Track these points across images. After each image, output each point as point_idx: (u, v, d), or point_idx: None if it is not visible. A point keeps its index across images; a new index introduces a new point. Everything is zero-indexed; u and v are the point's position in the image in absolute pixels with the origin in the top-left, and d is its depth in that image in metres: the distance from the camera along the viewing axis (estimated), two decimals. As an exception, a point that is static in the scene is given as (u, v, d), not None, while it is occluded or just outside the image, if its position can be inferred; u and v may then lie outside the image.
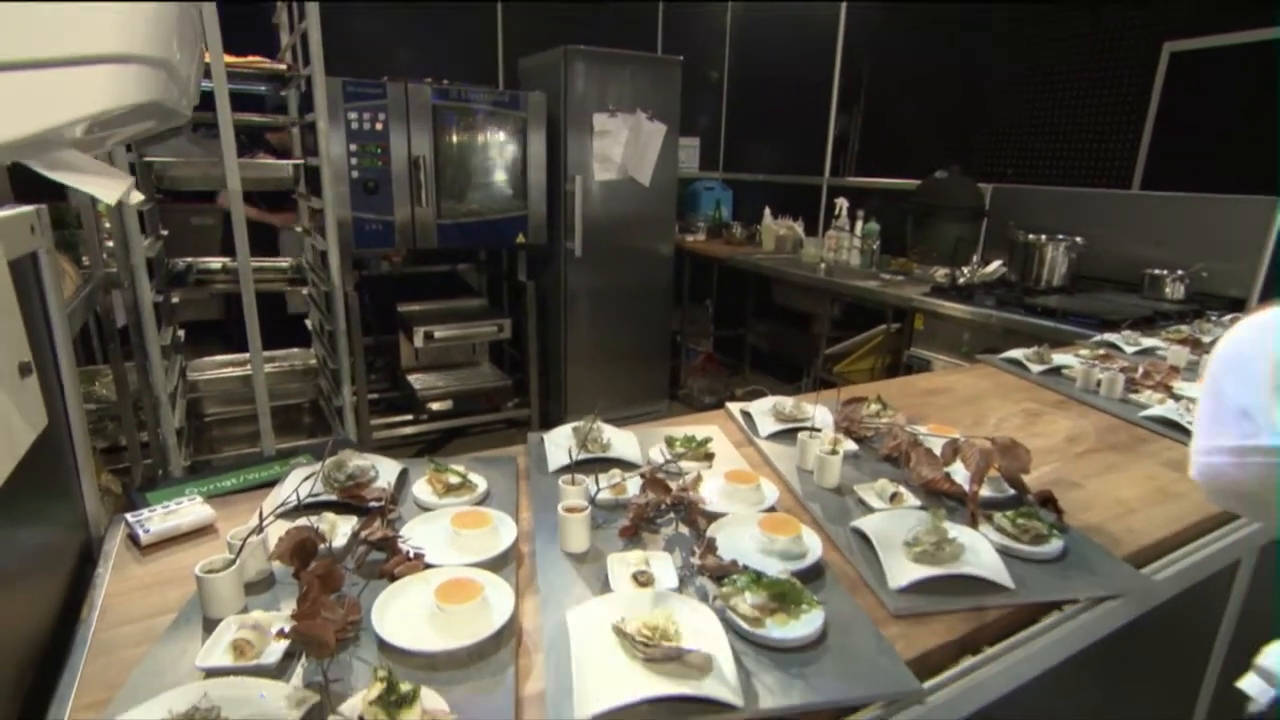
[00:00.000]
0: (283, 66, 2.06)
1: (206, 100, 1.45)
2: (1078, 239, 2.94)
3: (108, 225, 1.90)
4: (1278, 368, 0.49)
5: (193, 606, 0.78)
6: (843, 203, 3.95)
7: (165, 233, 2.24)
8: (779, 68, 4.71)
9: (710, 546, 0.86)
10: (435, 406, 3.61)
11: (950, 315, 2.86)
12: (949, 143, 3.74)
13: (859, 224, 3.83)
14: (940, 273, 3.28)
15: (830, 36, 4.23)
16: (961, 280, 3.11)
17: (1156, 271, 2.75)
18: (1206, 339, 2.03)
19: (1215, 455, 0.54)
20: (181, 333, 2.43)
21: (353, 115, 3.08)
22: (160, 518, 0.94)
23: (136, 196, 0.50)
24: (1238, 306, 2.52)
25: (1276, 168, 2.44)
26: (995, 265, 3.23)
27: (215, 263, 2.41)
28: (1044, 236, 2.96)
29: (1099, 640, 0.90)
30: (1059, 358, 1.85)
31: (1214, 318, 2.31)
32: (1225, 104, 2.73)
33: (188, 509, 0.97)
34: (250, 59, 1.94)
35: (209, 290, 2.39)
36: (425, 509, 1.01)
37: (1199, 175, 2.75)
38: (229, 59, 1.59)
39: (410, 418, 3.64)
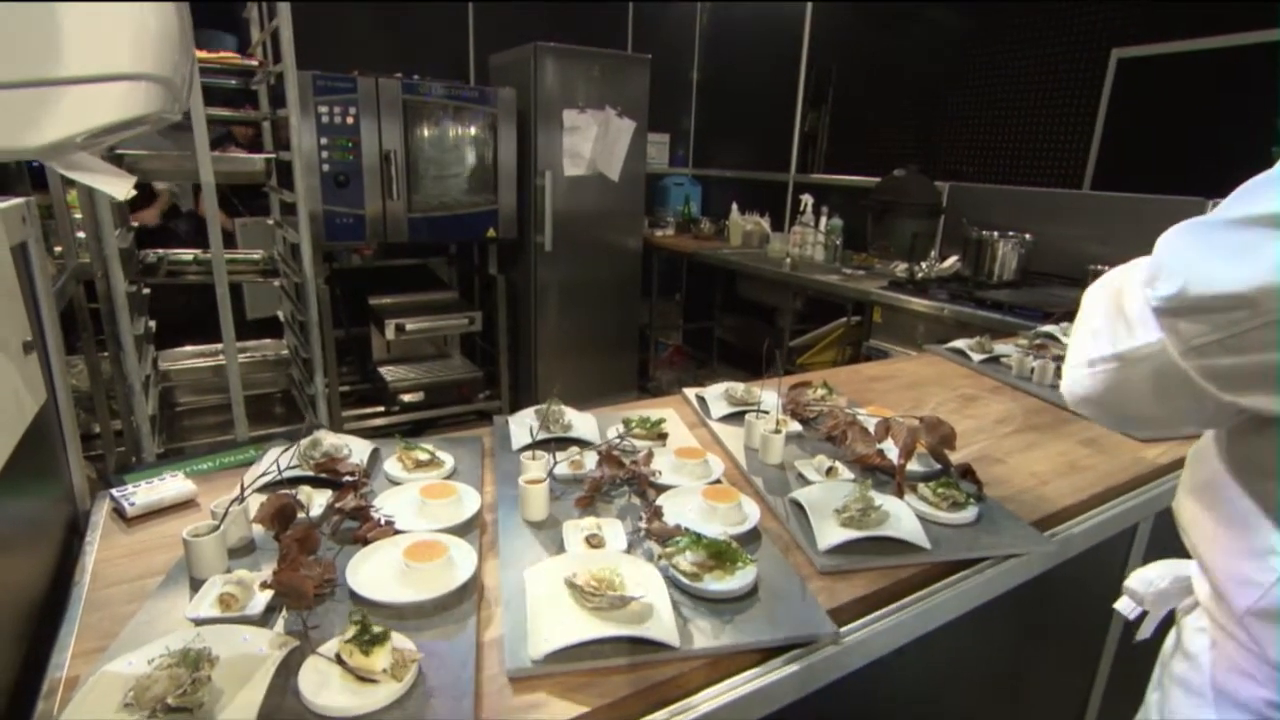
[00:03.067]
0: (254, 62, 2.10)
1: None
2: (1027, 236, 3.08)
3: (78, 216, 1.93)
4: (1115, 296, 0.62)
5: (180, 569, 0.85)
6: (808, 199, 4.07)
7: (136, 224, 2.26)
8: (748, 66, 4.82)
9: (657, 513, 0.95)
10: (407, 398, 3.66)
11: (906, 308, 2.98)
12: (912, 142, 3.87)
13: (823, 220, 3.95)
14: (899, 268, 3.40)
15: (797, 37, 4.35)
16: (919, 275, 3.23)
17: (1098, 267, 2.90)
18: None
19: (1074, 369, 0.67)
20: (153, 324, 2.45)
21: (323, 109, 3.11)
22: (144, 492, 1.00)
23: (132, 192, 0.57)
24: (1170, 300, 2.68)
25: (1247, 169, 2.59)
26: (952, 260, 3.37)
27: (186, 254, 2.44)
28: (995, 233, 3.10)
29: (1011, 593, 1.00)
30: (999, 347, 1.96)
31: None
32: (1168, 109, 2.88)
33: (170, 484, 1.03)
34: (222, 55, 1.97)
35: (180, 281, 2.42)
36: (395, 483, 1.09)
37: (1144, 176, 2.91)
38: (201, 55, 1.63)
39: (382, 409, 3.68)
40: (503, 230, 3.73)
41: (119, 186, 0.52)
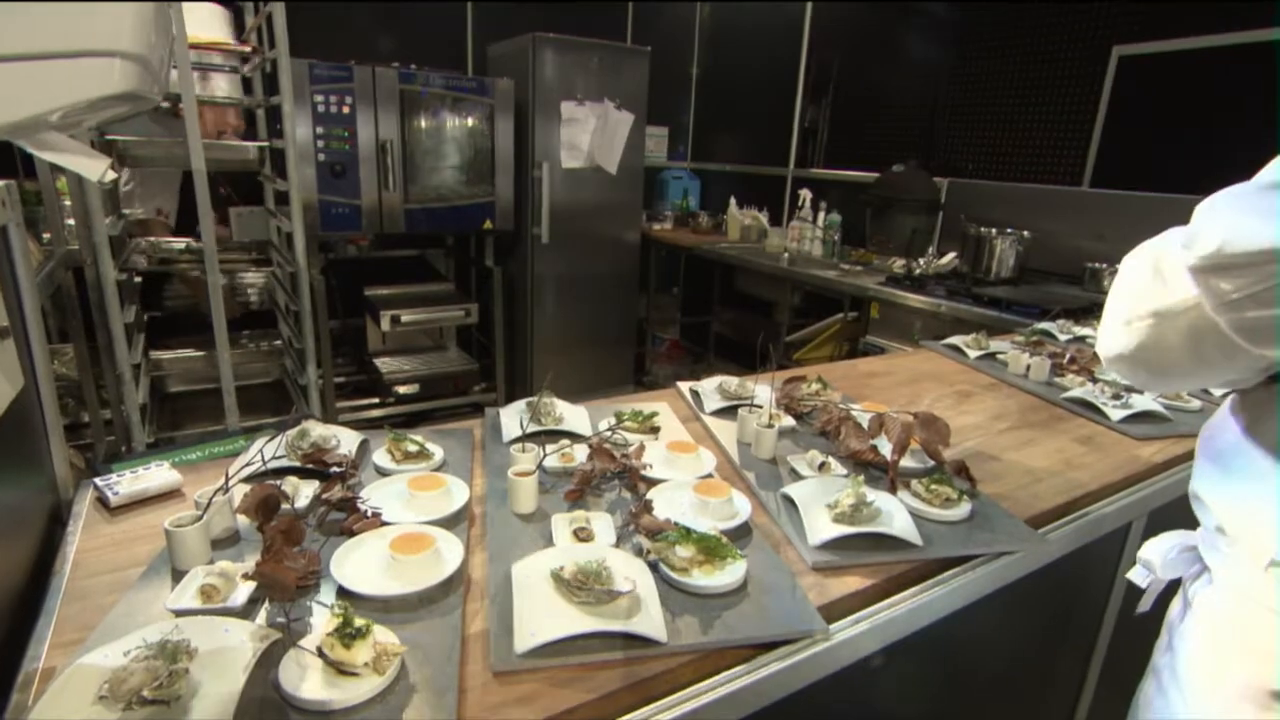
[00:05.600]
0: (247, 48, 2.07)
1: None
2: (1025, 233, 3.07)
3: (68, 203, 1.90)
4: (1153, 261, 0.67)
5: (162, 559, 0.83)
6: (806, 194, 4.05)
7: (126, 212, 2.24)
8: (748, 60, 4.79)
9: (647, 506, 0.94)
10: (402, 390, 3.65)
11: (904, 304, 2.97)
12: (911, 137, 3.85)
13: (821, 215, 3.94)
14: (897, 263, 3.39)
15: (797, 30, 4.32)
16: (917, 271, 3.22)
17: (1096, 265, 2.89)
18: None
19: (1111, 327, 0.72)
20: (146, 316, 2.44)
21: (319, 98, 3.08)
22: (129, 481, 0.99)
23: (111, 175, 0.55)
24: (1167, 299, 2.67)
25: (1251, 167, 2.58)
26: (950, 257, 3.36)
27: (178, 243, 2.42)
28: (994, 230, 3.09)
29: (1005, 590, 1.00)
30: (995, 344, 1.96)
31: (1143, 309, 2.45)
32: (1169, 106, 2.87)
33: (155, 473, 1.02)
34: (213, 40, 1.94)
35: (172, 269, 2.40)
36: (384, 474, 1.07)
37: (1144, 175, 2.89)
38: (193, 38, 1.60)
39: (376, 400, 3.66)
40: (500, 222, 3.71)
41: (92, 167, 0.50)
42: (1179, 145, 2.85)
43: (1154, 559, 0.89)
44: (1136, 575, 0.91)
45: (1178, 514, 1.31)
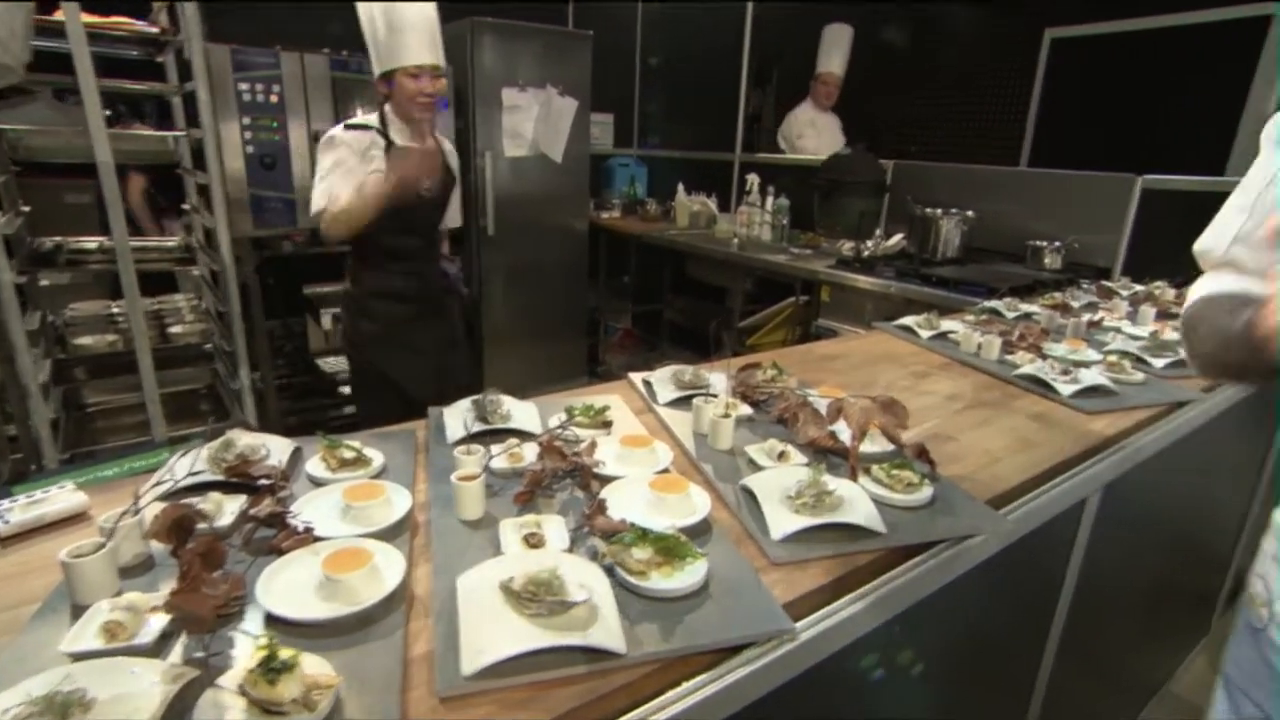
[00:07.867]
0: (155, 30, 1.92)
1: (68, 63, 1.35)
2: (969, 213, 3.11)
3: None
4: None
5: (60, 595, 0.75)
6: (754, 179, 4.04)
7: (27, 208, 2.07)
8: (691, 47, 4.74)
9: (600, 507, 0.89)
10: (347, 390, 3.50)
11: (854, 287, 2.98)
12: (856, 120, 3.86)
13: (769, 200, 3.93)
14: (845, 246, 3.40)
15: (740, 19, 4.28)
16: (865, 253, 3.24)
17: (1037, 243, 2.95)
18: (1076, 304, 2.20)
19: None
20: (52, 318, 2.26)
21: (244, 86, 2.90)
22: (23, 507, 0.89)
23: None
24: (1104, 275, 2.74)
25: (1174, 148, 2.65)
26: (897, 239, 3.38)
27: (90, 242, 2.25)
28: (939, 211, 3.12)
29: (966, 573, 0.98)
30: (946, 324, 1.96)
31: (1084, 285, 2.51)
32: (1099, 87, 2.94)
33: (56, 496, 0.92)
34: (114, 19, 1.79)
35: (85, 272, 2.24)
36: (318, 484, 1.00)
37: (1077, 153, 2.96)
38: (88, 19, 1.46)
39: (324, 402, 3.52)
40: (443, 213, 3.58)
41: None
42: (1108, 125, 2.93)
43: None
44: None
45: (1131, 490, 1.33)
